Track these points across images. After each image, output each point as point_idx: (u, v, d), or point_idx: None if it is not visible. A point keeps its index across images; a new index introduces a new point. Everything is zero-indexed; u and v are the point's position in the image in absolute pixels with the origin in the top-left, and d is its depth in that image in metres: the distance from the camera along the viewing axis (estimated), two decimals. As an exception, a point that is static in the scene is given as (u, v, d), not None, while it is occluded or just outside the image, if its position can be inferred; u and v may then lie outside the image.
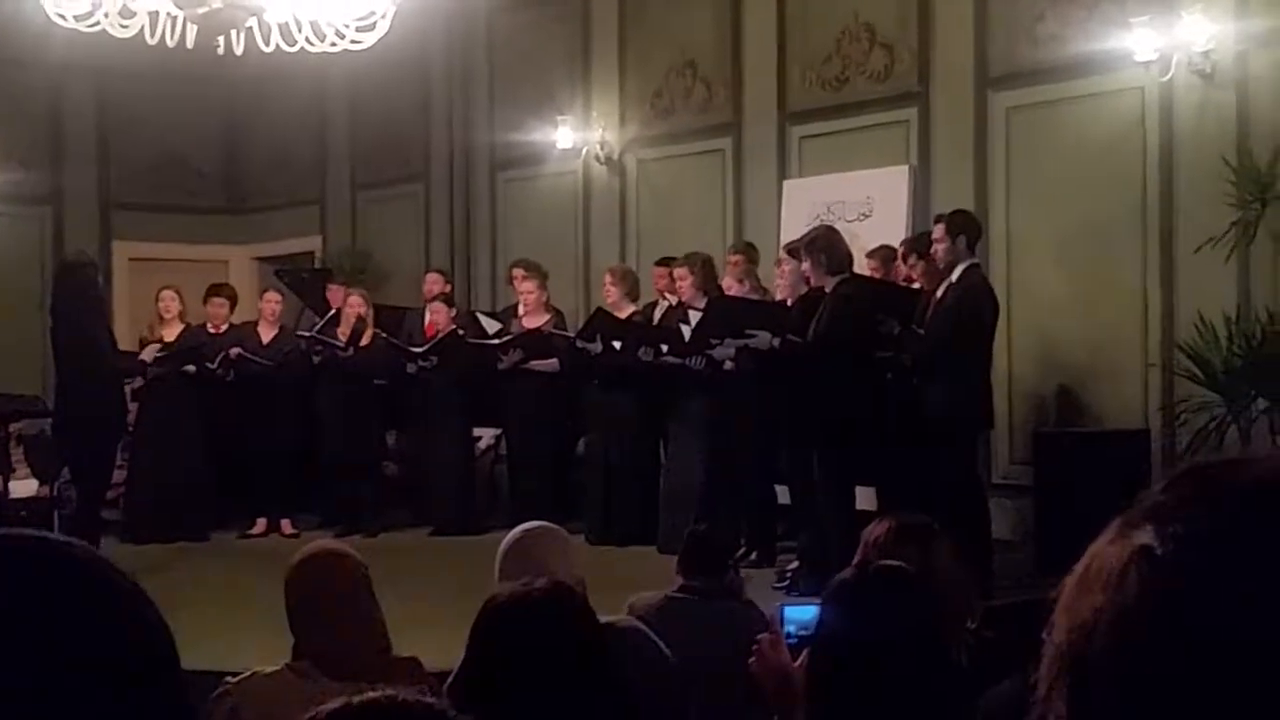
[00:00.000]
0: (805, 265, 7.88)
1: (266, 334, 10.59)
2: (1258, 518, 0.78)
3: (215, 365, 10.21)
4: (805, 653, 2.55)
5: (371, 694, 1.31)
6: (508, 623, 2.57)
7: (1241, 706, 0.75)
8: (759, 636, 2.62)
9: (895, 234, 9.12)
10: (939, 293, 7.73)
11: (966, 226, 7.70)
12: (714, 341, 8.55)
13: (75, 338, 8.80)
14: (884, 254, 8.68)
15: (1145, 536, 0.80)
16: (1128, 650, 0.78)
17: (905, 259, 8.32)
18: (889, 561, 2.85)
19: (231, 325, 10.64)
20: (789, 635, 2.83)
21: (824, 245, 7.77)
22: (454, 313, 10.63)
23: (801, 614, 2.88)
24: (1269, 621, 0.75)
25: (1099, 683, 0.79)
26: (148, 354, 10.04)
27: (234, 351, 10.29)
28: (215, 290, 10.91)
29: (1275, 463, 0.82)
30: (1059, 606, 0.83)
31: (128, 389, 10.13)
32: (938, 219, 7.95)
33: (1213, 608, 0.76)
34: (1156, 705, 0.77)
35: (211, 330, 10.55)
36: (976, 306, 7.57)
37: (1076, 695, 0.81)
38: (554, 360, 10.06)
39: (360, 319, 10.41)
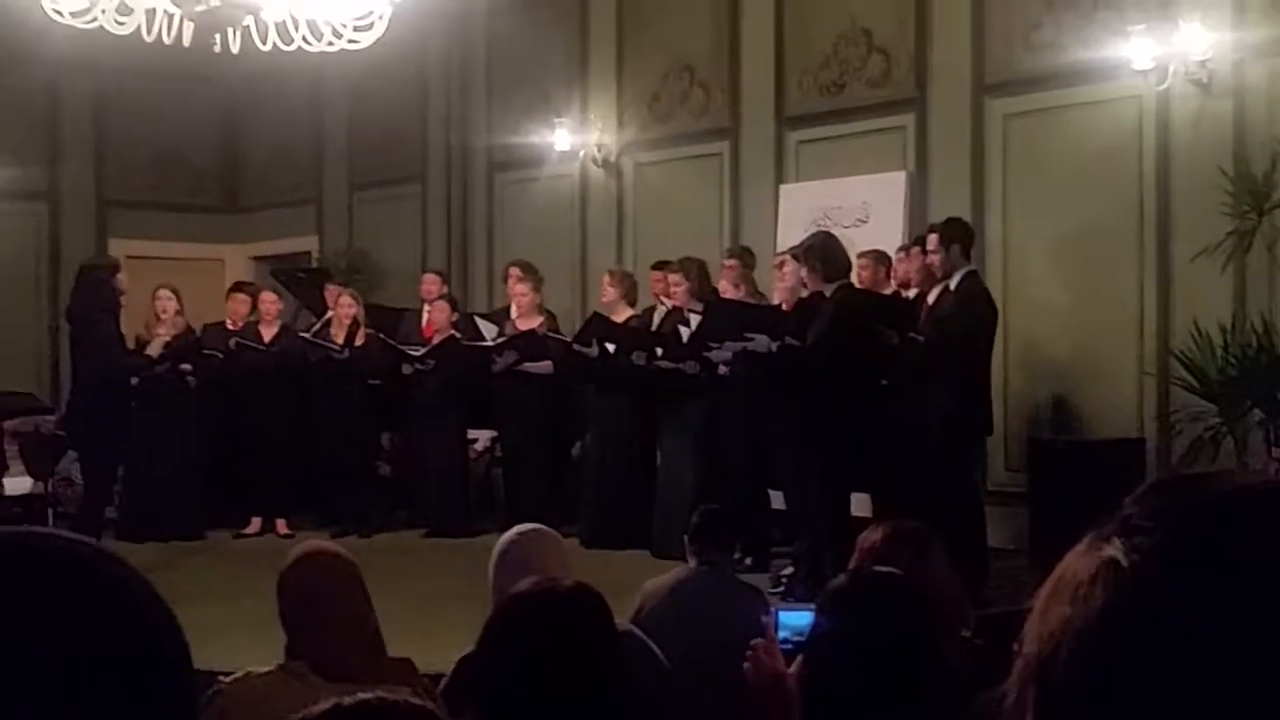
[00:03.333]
0: (802, 271, 7.89)
1: (267, 333, 10.61)
2: (1218, 533, 0.80)
3: (221, 356, 10.25)
4: (799, 659, 2.55)
5: (362, 695, 1.31)
6: (530, 618, 2.55)
7: (1198, 717, 0.76)
8: (753, 642, 2.61)
9: (892, 240, 9.12)
10: (931, 298, 7.74)
11: (960, 234, 7.71)
12: (712, 345, 8.55)
13: (87, 337, 8.92)
14: (876, 255, 8.69)
15: (1113, 549, 0.81)
16: (1092, 660, 0.79)
17: (908, 250, 8.36)
18: (883, 568, 2.85)
19: (247, 323, 10.69)
20: (783, 641, 2.83)
21: (821, 252, 7.78)
22: (455, 316, 10.63)
23: (796, 619, 2.87)
24: (1225, 635, 0.76)
25: (1064, 692, 0.80)
26: (153, 348, 10.06)
27: (233, 341, 10.34)
28: (239, 287, 11.05)
29: (1238, 479, 0.83)
30: (1031, 617, 0.84)
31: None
32: (931, 228, 7.95)
33: (1173, 621, 0.77)
34: (1117, 715, 0.77)
35: (230, 326, 10.62)
36: (975, 313, 7.57)
37: (1043, 704, 0.82)
38: (548, 362, 10.05)
39: (354, 320, 10.41)
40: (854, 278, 8.43)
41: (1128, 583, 0.80)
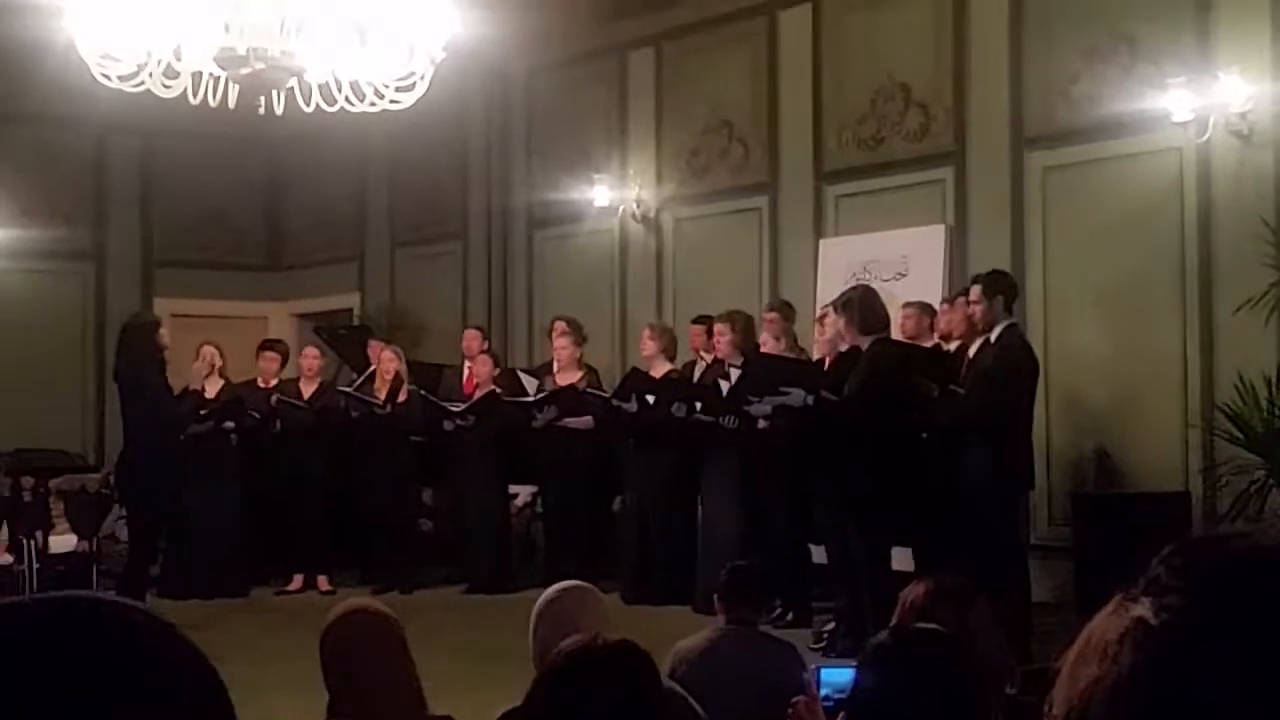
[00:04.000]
0: (840, 324, 7.89)
1: (307, 390, 10.67)
2: (1247, 592, 0.80)
3: (260, 416, 10.30)
4: (840, 716, 2.53)
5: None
6: (578, 675, 2.53)
7: None
8: (794, 699, 2.60)
9: (932, 293, 9.11)
10: (972, 351, 7.71)
11: (1003, 287, 7.69)
12: (751, 399, 8.54)
13: (136, 391, 9.00)
14: (920, 306, 8.70)
15: (1142, 609, 0.81)
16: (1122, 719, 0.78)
17: (952, 302, 8.36)
18: (926, 624, 2.83)
19: (281, 381, 10.74)
20: (825, 698, 2.81)
21: (859, 306, 7.77)
22: (498, 371, 10.66)
23: (838, 676, 2.86)
24: (1255, 695, 0.76)
25: None
26: (208, 390, 10.11)
27: (274, 398, 10.38)
28: (267, 345, 11.03)
29: (1267, 537, 0.83)
30: (1059, 678, 0.84)
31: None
32: (974, 280, 7.94)
33: (1203, 680, 0.77)
34: None
35: (261, 384, 10.65)
36: (1016, 366, 7.53)
37: None
38: (588, 418, 10.06)
39: (396, 376, 10.46)
40: (898, 328, 8.43)
41: (1157, 642, 0.80)
